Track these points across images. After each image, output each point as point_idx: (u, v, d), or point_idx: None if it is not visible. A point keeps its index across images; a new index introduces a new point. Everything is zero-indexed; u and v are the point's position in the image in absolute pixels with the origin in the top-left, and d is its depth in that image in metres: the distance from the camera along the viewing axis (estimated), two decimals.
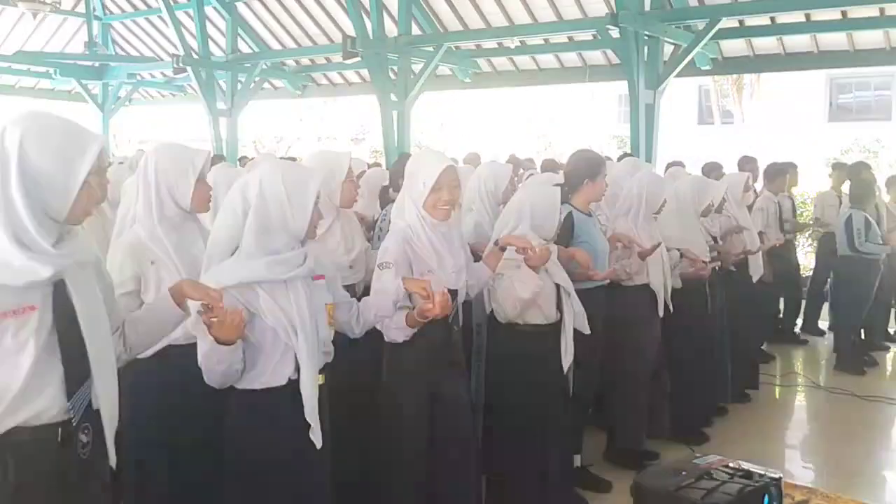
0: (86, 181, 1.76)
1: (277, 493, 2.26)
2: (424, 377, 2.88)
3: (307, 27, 13.42)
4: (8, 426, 1.71)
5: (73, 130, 1.78)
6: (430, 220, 2.83)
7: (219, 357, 2.15)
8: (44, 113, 1.83)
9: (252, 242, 2.25)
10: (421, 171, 2.84)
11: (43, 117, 1.78)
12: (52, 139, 1.73)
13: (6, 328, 1.70)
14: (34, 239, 1.71)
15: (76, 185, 1.74)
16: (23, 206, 1.69)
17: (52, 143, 1.73)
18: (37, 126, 1.74)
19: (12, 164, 1.69)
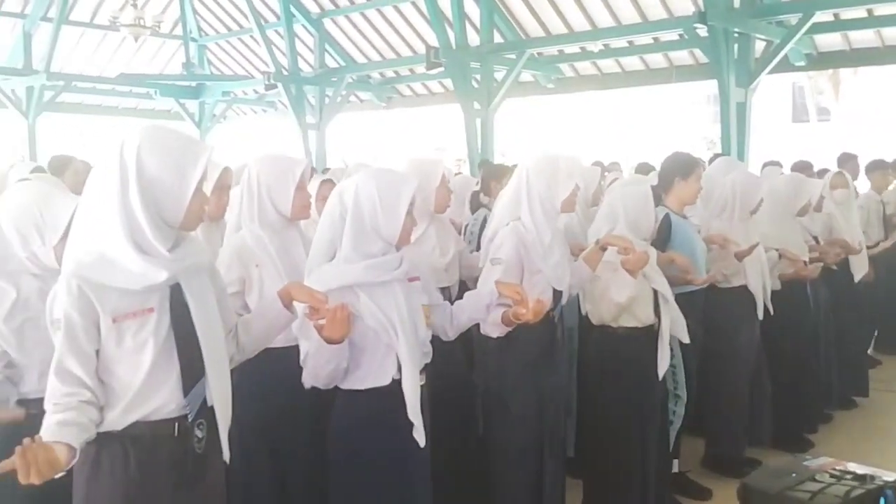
0: (197, 188, 1.86)
1: (382, 491, 2.31)
2: (531, 378, 2.90)
3: (391, 40, 13.67)
4: (130, 421, 1.82)
5: (185, 141, 1.89)
6: (545, 219, 2.85)
7: (328, 356, 2.22)
8: (158, 126, 1.95)
9: (349, 247, 2.32)
10: (563, 170, 2.89)
11: (158, 130, 1.90)
12: (167, 149, 1.84)
13: (127, 329, 1.80)
14: (152, 244, 1.81)
15: (189, 192, 1.84)
16: (141, 214, 1.80)
17: (167, 154, 1.83)
18: (153, 138, 1.85)
19: (131, 174, 1.79)
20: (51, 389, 1.76)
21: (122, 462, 1.81)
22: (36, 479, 1.54)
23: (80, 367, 1.76)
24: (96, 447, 1.80)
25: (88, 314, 1.78)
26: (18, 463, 1.53)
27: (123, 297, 1.80)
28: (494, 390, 2.96)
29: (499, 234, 2.92)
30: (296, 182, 2.77)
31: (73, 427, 1.69)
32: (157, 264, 1.81)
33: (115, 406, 1.81)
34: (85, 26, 14.75)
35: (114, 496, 1.80)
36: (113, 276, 1.79)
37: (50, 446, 1.59)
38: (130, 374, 1.81)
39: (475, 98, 11.47)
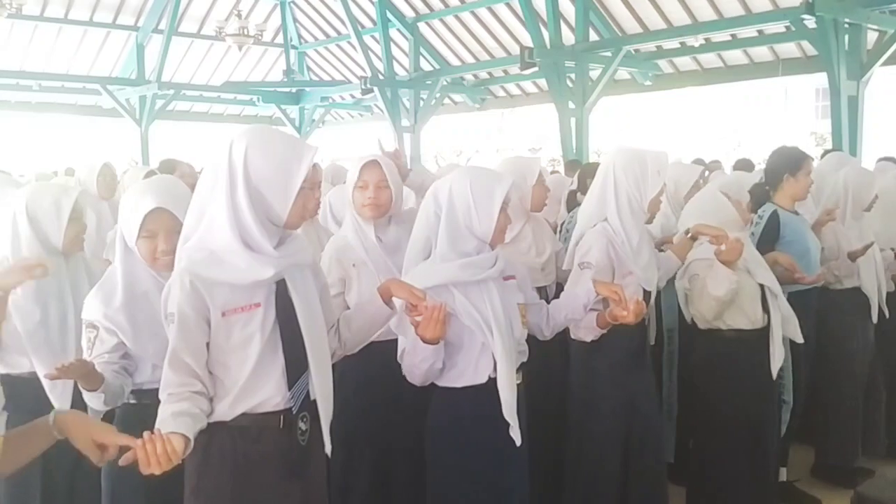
0: (301, 188, 1.91)
1: (479, 489, 2.32)
2: (621, 380, 2.85)
3: (485, 41, 13.70)
4: (238, 412, 1.90)
5: (290, 141, 1.95)
6: (632, 219, 2.80)
7: (423, 355, 2.25)
8: (265, 127, 2.02)
9: (445, 245, 2.34)
10: (651, 167, 2.84)
11: (264, 131, 1.97)
12: (273, 150, 1.90)
13: (235, 322, 1.88)
14: (259, 242, 1.88)
15: (294, 191, 1.89)
16: (248, 213, 1.86)
17: (273, 154, 1.89)
18: (259, 139, 1.91)
19: (239, 174, 1.86)
20: (165, 380, 1.85)
21: (230, 452, 1.88)
22: (156, 469, 1.63)
23: (193, 359, 1.84)
24: (207, 437, 1.87)
25: (199, 309, 1.86)
26: (139, 455, 1.61)
27: (232, 293, 1.87)
28: (582, 394, 2.92)
29: (585, 237, 2.86)
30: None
31: (187, 417, 1.78)
32: (264, 261, 1.87)
33: (224, 398, 1.89)
34: (192, 37, 15.44)
35: (222, 484, 1.88)
36: (222, 273, 1.86)
37: (168, 438, 1.66)
38: (239, 366, 1.88)
39: (570, 97, 11.34)
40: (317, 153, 1.94)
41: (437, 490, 2.39)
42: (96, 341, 2.23)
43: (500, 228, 2.36)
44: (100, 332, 2.23)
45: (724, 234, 2.92)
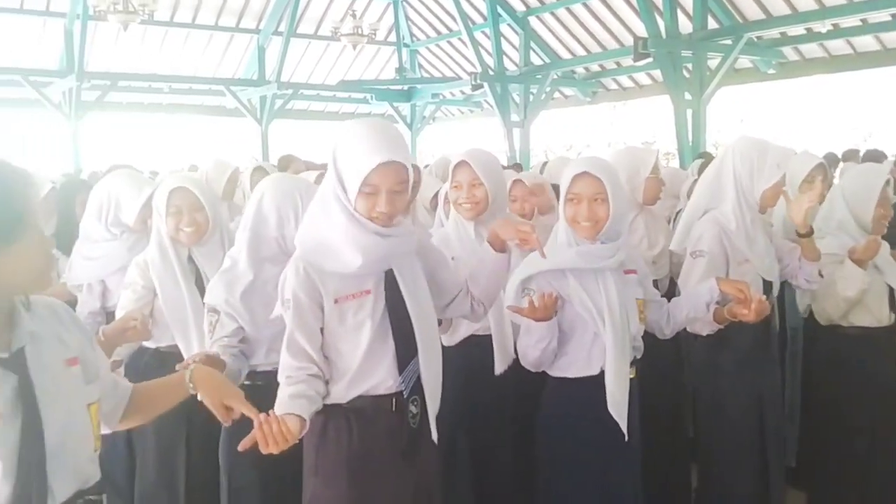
0: (369, 186, 1.89)
1: (589, 481, 2.31)
2: (748, 377, 2.75)
3: (597, 33, 13.46)
4: (353, 395, 1.97)
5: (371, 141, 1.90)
6: (747, 207, 2.70)
7: (538, 335, 2.25)
8: (365, 120, 2.01)
9: (563, 232, 2.34)
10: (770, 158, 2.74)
11: (361, 124, 1.97)
12: (353, 144, 1.92)
13: (348, 308, 1.95)
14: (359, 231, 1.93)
15: (355, 187, 1.89)
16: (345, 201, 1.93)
17: (351, 148, 1.92)
18: (352, 131, 1.94)
19: (330, 162, 1.95)
20: (283, 363, 1.94)
21: (346, 432, 1.96)
22: (273, 448, 1.71)
23: (308, 343, 1.93)
24: (323, 418, 1.95)
25: (313, 295, 1.94)
26: (258, 435, 1.70)
27: (343, 280, 1.94)
28: (707, 391, 2.83)
29: (696, 226, 2.78)
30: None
31: (303, 399, 1.86)
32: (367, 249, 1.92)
33: (339, 381, 1.96)
34: (310, 38, 15.94)
35: (339, 464, 1.95)
36: (334, 261, 1.93)
37: (284, 419, 1.74)
38: (351, 351, 1.95)
39: (686, 88, 10.98)
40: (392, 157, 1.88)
41: (547, 480, 2.39)
42: (217, 325, 2.36)
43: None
44: (221, 317, 2.36)
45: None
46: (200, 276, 2.76)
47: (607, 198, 2.27)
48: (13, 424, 1.33)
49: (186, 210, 2.68)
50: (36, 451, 1.34)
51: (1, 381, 1.34)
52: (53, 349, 1.45)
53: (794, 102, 15.37)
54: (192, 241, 2.73)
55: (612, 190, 2.27)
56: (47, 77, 13.32)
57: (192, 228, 2.70)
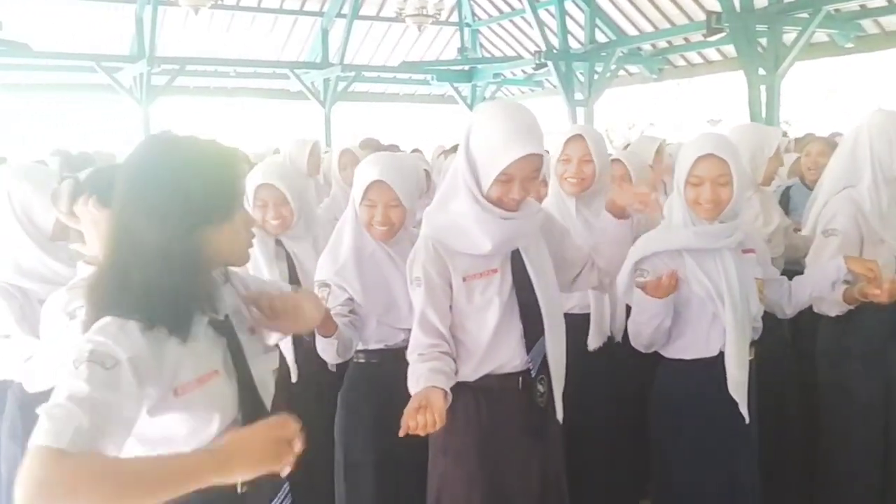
0: (506, 174, 1.90)
1: (706, 463, 2.28)
2: (876, 361, 2.68)
3: (665, 9, 13.15)
4: (481, 373, 1.98)
5: (515, 128, 1.91)
6: (885, 185, 2.61)
7: (652, 311, 2.23)
8: (506, 104, 2.04)
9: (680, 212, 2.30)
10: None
11: (502, 107, 1.99)
12: (495, 129, 1.92)
13: (475, 287, 1.97)
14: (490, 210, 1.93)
15: (492, 175, 1.91)
16: (472, 182, 1.93)
17: (492, 133, 1.92)
18: (490, 114, 1.96)
19: (464, 142, 1.95)
20: (415, 341, 1.96)
21: (474, 411, 1.98)
22: (422, 433, 1.76)
23: (440, 321, 1.95)
24: (453, 397, 1.96)
25: (443, 273, 1.96)
26: (410, 423, 1.75)
27: (472, 259, 1.96)
28: (834, 377, 2.75)
29: (830, 203, 2.70)
30: None
31: (441, 375, 1.89)
32: (495, 229, 1.92)
33: (468, 360, 1.98)
34: (372, 20, 15.97)
35: (468, 442, 1.97)
36: (462, 240, 1.94)
37: (434, 405, 1.77)
38: (479, 329, 1.96)
39: (760, 64, 10.65)
40: (533, 150, 1.89)
41: (662, 463, 2.37)
42: (329, 297, 2.40)
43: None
44: (332, 289, 2.40)
45: None
46: (291, 259, 2.81)
47: (731, 179, 2.21)
48: (231, 381, 1.44)
49: (272, 204, 2.73)
50: (255, 405, 1.46)
51: (215, 342, 1.44)
52: (241, 319, 1.54)
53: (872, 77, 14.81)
54: (278, 231, 2.78)
55: (737, 171, 2.22)
56: (119, 62, 13.64)
57: (279, 221, 2.75)
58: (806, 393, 3.00)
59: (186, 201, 1.34)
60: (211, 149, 1.42)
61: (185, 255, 1.35)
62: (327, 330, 2.23)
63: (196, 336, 1.38)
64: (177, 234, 1.34)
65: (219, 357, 1.44)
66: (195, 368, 1.37)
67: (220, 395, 1.41)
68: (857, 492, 2.72)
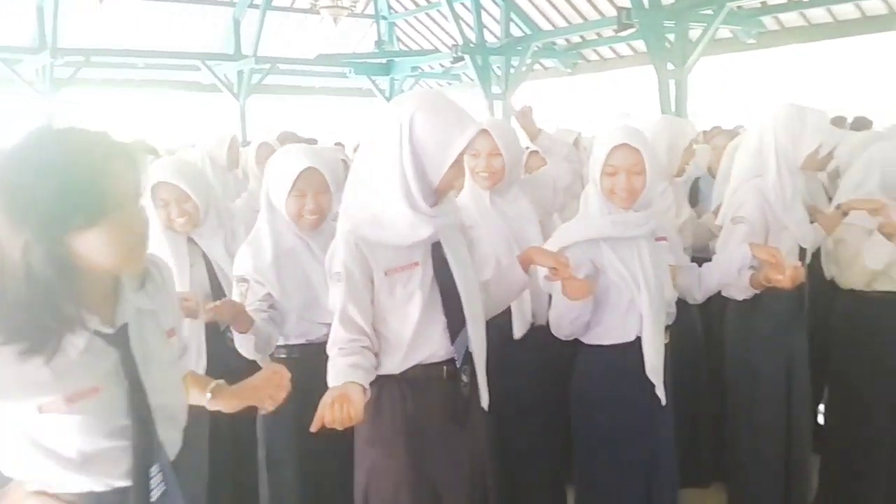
0: (458, 159, 1.93)
1: (624, 445, 2.34)
2: (781, 341, 2.81)
3: (578, 4, 13.44)
4: (407, 365, 1.98)
5: (457, 112, 1.95)
6: (788, 175, 2.73)
7: (570, 309, 2.27)
8: (435, 92, 2.07)
9: (596, 202, 2.35)
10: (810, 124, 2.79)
11: (434, 96, 1.99)
12: (439, 117, 1.93)
13: (397, 281, 1.96)
14: (418, 202, 1.93)
15: (450, 160, 1.91)
16: (411, 172, 1.91)
17: (438, 121, 1.92)
18: (429, 103, 1.94)
19: (406, 135, 1.91)
20: (335, 336, 1.94)
21: (400, 402, 1.97)
22: (339, 427, 1.73)
23: (360, 316, 1.93)
24: (377, 389, 1.96)
25: (364, 268, 1.94)
26: (326, 417, 1.72)
27: (393, 253, 1.95)
28: (740, 358, 2.87)
29: (738, 192, 2.81)
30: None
31: (361, 370, 1.87)
32: (422, 221, 1.92)
33: (393, 353, 1.97)
34: (287, 10, 15.72)
35: (396, 433, 1.96)
36: (384, 234, 1.93)
37: (351, 399, 1.75)
38: (402, 323, 1.96)
39: (668, 59, 11.01)
40: (479, 128, 1.95)
41: (583, 447, 2.42)
42: (248, 293, 2.36)
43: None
44: (251, 284, 2.36)
45: (884, 205, 2.81)
46: (208, 259, 2.74)
47: (644, 169, 2.28)
48: (119, 391, 1.37)
49: (174, 202, 2.64)
50: (144, 410, 1.39)
51: (103, 355, 1.36)
52: (156, 322, 1.48)
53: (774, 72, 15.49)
54: (187, 229, 2.70)
55: (650, 161, 2.29)
56: (19, 54, 13.01)
57: (184, 218, 2.66)
58: (715, 374, 3.13)
59: (43, 206, 1.23)
60: (78, 145, 1.29)
61: (46, 267, 1.25)
62: (243, 326, 2.20)
63: (69, 352, 1.30)
64: (36, 242, 1.23)
65: (105, 370, 1.36)
66: (63, 387, 1.29)
67: (102, 409, 1.34)
68: (762, 465, 2.85)
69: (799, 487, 2.90)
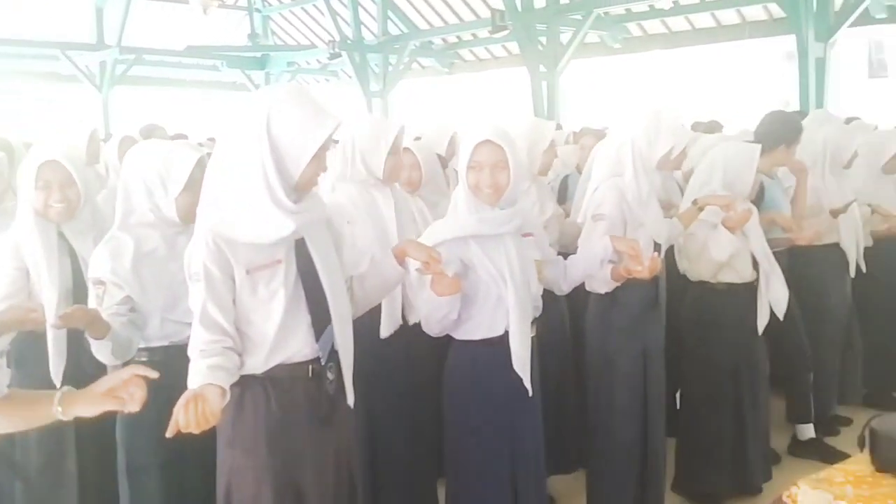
0: (317, 155, 1.91)
1: (493, 437, 2.40)
2: (636, 332, 2.95)
3: (454, 5, 13.61)
4: (271, 364, 1.94)
5: (315, 107, 1.93)
6: (644, 174, 2.88)
7: (438, 303, 2.30)
8: (294, 87, 2.03)
9: (464, 200, 2.39)
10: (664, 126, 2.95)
11: (293, 90, 1.96)
12: (296, 112, 1.91)
13: (259, 279, 1.91)
14: (280, 198, 1.89)
15: (309, 155, 1.90)
16: (271, 167, 1.88)
17: (296, 116, 1.90)
18: (287, 97, 1.92)
19: (264, 130, 1.88)
20: (196, 337, 1.88)
21: (263, 402, 1.93)
22: (195, 430, 1.68)
23: (221, 316, 1.88)
24: (240, 389, 1.92)
25: (224, 267, 1.89)
26: (180, 419, 1.66)
27: (254, 251, 1.91)
28: (600, 349, 3.00)
29: (598, 190, 2.95)
30: (388, 146, 2.82)
31: (222, 371, 1.82)
32: (284, 217, 1.89)
33: (255, 352, 1.93)
34: None
35: (258, 433, 1.92)
36: (245, 231, 1.88)
37: (207, 399, 1.70)
38: (265, 321, 1.92)
39: (541, 61, 11.36)
40: (340, 122, 1.93)
41: (452, 439, 2.46)
42: (105, 296, 2.26)
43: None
44: (108, 287, 2.26)
45: (734, 201, 3.04)
46: (74, 253, 2.60)
47: (508, 165, 2.34)
48: None
49: (57, 185, 2.52)
50: None
51: None
52: None
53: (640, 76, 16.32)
54: (62, 217, 2.56)
55: (513, 157, 2.35)
56: None
57: (63, 205, 2.54)
58: (579, 364, 3.27)
59: None
60: None
61: None
62: (98, 332, 2.12)
63: None
64: None
65: None
66: None
67: None
68: (620, 450, 2.99)
69: (655, 469, 3.07)
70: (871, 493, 1.77)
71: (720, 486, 3.40)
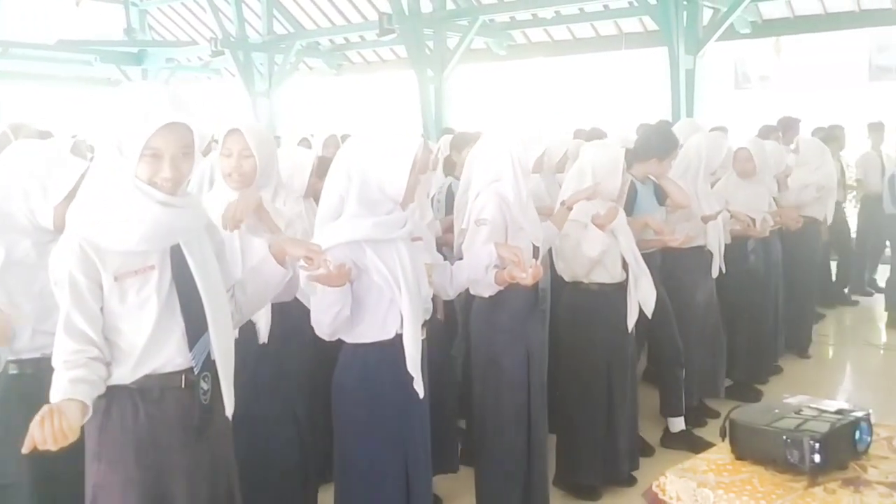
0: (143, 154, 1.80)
1: (384, 439, 2.42)
2: (520, 332, 3.03)
3: (341, 6, 13.53)
4: (140, 374, 1.87)
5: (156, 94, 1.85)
6: (523, 179, 2.97)
7: (328, 300, 2.30)
8: (143, 82, 1.96)
9: (355, 206, 2.38)
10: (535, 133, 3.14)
11: (136, 83, 1.92)
12: (132, 99, 1.84)
13: (129, 286, 1.84)
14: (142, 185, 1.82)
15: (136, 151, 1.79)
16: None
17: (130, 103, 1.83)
18: (124, 88, 1.87)
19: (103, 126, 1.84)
20: (60, 347, 1.79)
21: (131, 413, 1.86)
22: (53, 446, 1.60)
23: (87, 324, 1.80)
24: (106, 400, 1.85)
25: (91, 274, 1.81)
26: (36, 435, 1.58)
27: (125, 257, 1.84)
28: (485, 351, 3.07)
29: (480, 196, 3.02)
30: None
31: (85, 384, 1.74)
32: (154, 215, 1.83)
33: (124, 361, 1.85)
34: None
35: (125, 446, 1.85)
36: (114, 236, 1.82)
37: (63, 414, 1.62)
38: (135, 330, 1.85)
39: (428, 65, 11.47)
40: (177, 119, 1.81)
41: (343, 443, 2.46)
42: None
43: (411, 188, 2.41)
44: None
45: (595, 188, 3.25)
46: None
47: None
48: None
49: None
50: None
51: None
52: None
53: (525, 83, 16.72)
54: None
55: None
56: None
57: None
58: (467, 366, 3.34)
59: None
60: None
61: None
62: None
63: None
64: None
65: None
66: None
67: None
68: (505, 448, 3.08)
69: (539, 466, 3.18)
70: (731, 480, 1.91)
71: (594, 479, 3.57)
